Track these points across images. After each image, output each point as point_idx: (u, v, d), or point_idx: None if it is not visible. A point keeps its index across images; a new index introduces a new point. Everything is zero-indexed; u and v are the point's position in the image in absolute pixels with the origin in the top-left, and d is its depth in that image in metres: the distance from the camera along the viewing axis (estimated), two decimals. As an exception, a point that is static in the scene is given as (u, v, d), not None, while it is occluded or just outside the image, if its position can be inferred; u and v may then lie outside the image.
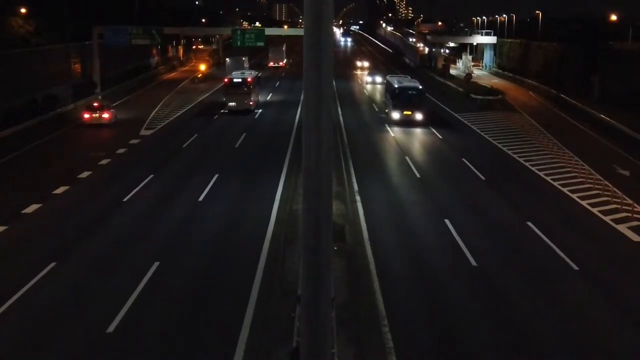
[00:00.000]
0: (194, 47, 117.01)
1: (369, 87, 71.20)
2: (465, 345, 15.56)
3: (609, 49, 63.49)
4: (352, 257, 20.62)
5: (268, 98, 61.90)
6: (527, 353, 15.34)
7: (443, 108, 55.60)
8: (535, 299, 18.12)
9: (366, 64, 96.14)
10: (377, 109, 53.97)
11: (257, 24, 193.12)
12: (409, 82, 49.56)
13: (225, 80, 55.40)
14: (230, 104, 52.07)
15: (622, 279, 19.94)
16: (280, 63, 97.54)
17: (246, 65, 72.48)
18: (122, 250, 21.28)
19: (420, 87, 47.33)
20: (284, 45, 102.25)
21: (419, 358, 15.08)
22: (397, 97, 46.07)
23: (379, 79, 73.40)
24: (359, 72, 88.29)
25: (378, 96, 62.42)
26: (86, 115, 44.80)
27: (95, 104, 46.27)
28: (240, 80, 53.68)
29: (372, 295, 17.88)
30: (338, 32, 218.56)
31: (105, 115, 44.86)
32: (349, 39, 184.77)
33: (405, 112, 45.38)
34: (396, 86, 46.89)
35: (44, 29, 55.94)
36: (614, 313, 17.55)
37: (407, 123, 45.18)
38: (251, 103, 52.98)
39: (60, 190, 28.00)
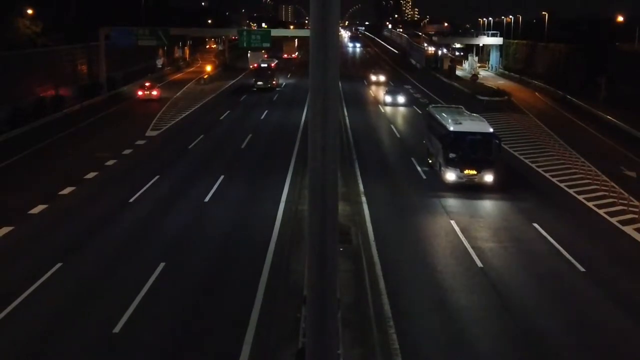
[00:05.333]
0: (207, 46, 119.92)
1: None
2: (472, 347, 15.53)
3: (615, 50, 63.36)
4: (358, 258, 20.60)
5: (284, 82, 75.03)
6: (535, 355, 15.31)
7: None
8: (541, 301, 18.09)
9: (382, 77, 77.61)
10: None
11: (264, 25, 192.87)
12: (471, 120, 31.42)
13: (255, 65, 78.95)
14: (259, 83, 66.88)
15: (629, 280, 19.90)
16: (293, 55, 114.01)
17: (265, 57, 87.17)
18: (128, 251, 21.33)
19: (491, 129, 29.90)
20: (296, 40, 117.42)
21: (425, 359, 15.08)
22: (453, 147, 28.82)
23: (401, 98, 57.63)
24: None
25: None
26: (140, 93, 58.69)
27: (147, 84, 60.41)
28: (266, 65, 73.39)
29: (377, 296, 17.87)
30: (345, 35, 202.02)
31: (154, 93, 58.93)
32: (358, 44, 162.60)
33: (467, 172, 28.69)
34: (452, 129, 29.26)
35: (50, 30, 56.09)
36: (620, 314, 17.51)
37: (469, 188, 28.75)
38: (274, 82, 68.28)
39: (66, 190, 28.06)
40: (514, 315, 17.10)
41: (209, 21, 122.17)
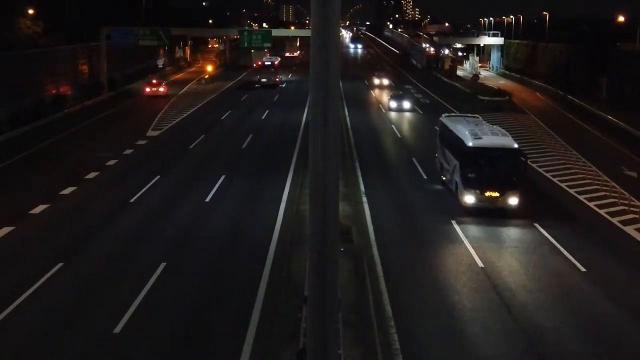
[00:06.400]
0: (209, 45, 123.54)
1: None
2: (474, 348, 15.52)
3: (616, 50, 63.35)
4: (358, 258, 20.62)
5: (287, 79, 78.22)
6: (536, 356, 15.30)
7: (450, 109, 55.52)
8: (542, 301, 18.07)
9: (386, 81, 73.69)
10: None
11: (264, 24, 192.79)
12: (492, 134, 27.27)
13: (259, 63, 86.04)
14: (263, 80, 70.11)
15: (630, 281, 19.89)
16: (295, 53, 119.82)
17: (268, 55, 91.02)
18: (129, 251, 21.34)
19: (515, 145, 26.08)
20: (298, 39, 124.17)
21: (426, 359, 15.09)
22: (472, 165, 25.43)
23: (407, 104, 54.53)
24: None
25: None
26: (147, 89, 60.56)
27: (155, 81, 62.55)
28: (270, 63, 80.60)
29: (378, 296, 17.88)
30: (347, 36, 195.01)
31: (162, 89, 60.87)
32: (360, 45, 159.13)
33: (487, 194, 25.14)
34: (471, 144, 25.71)
35: (51, 30, 56.17)
36: (620, 314, 17.51)
37: (490, 210, 25.28)
38: (277, 79, 71.62)
39: (67, 190, 28.07)
40: (515, 314, 17.08)
41: (210, 21, 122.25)
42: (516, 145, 26.00)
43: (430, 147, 34.16)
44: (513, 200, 25.12)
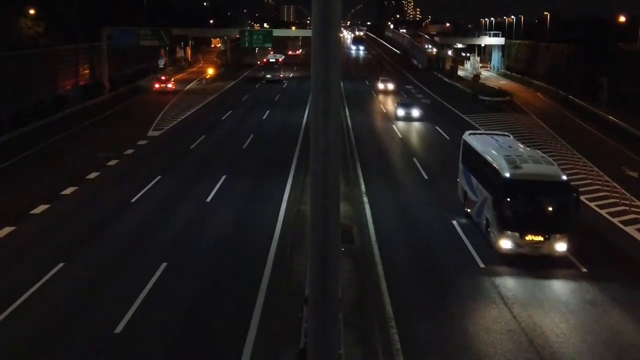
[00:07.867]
0: (212, 45, 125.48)
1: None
2: (474, 348, 15.52)
3: (617, 50, 63.29)
4: (359, 258, 20.63)
5: (290, 76, 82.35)
6: (537, 356, 15.31)
7: (451, 110, 55.54)
8: (542, 302, 18.07)
9: (391, 86, 69.15)
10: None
11: (265, 24, 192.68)
12: (533, 161, 21.99)
13: (264, 60, 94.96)
14: (268, 76, 75.40)
15: (631, 281, 19.87)
16: (297, 52, 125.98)
17: (271, 52, 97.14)
18: (130, 251, 21.34)
19: (564, 176, 21.25)
20: (300, 38, 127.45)
21: (427, 359, 15.09)
22: (510, 201, 20.75)
23: (416, 112, 49.82)
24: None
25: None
26: (156, 85, 64.52)
27: (163, 78, 66.47)
28: (274, 60, 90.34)
29: (379, 296, 17.88)
30: (348, 37, 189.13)
31: (170, 85, 65.00)
32: (362, 47, 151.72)
33: (529, 238, 20.44)
34: (508, 175, 20.88)
35: (52, 30, 56.20)
36: (621, 315, 17.49)
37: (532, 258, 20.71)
38: (281, 75, 77.21)
39: (68, 190, 28.08)
40: (515, 315, 17.07)
41: (211, 21, 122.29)
42: (565, 177, 21.20)
43: (431, 147, 34.13)
44: (561, 246, 20.52)
